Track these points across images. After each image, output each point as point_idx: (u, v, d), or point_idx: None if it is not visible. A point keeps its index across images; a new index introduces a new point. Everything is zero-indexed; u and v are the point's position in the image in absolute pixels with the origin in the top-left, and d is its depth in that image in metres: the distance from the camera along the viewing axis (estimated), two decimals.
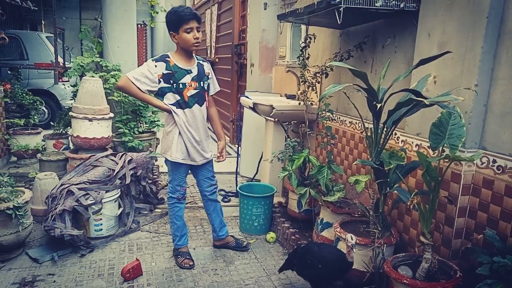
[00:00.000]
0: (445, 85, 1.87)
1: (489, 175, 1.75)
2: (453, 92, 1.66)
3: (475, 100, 1.75)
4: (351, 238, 1.91)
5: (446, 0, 1.88)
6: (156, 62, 2.27)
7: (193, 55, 2.39)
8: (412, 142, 2.11)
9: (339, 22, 2.02)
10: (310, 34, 2.96)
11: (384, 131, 1.78)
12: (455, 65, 1.83)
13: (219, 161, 2.57)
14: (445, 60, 1.80)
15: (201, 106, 2.39)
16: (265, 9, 4.25)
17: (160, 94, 2.30)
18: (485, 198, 1.77)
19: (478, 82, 1.73)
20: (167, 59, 2.29)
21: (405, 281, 1.64)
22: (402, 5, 2.08)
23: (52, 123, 4.89)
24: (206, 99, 2.44)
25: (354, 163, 2.06)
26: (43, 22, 8.59)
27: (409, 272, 1.77)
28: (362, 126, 2.58)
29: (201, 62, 2.42)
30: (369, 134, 1.84)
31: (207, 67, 2.44)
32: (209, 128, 2.52)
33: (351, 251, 1.90)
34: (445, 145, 1.69)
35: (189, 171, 2.54)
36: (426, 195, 1.73)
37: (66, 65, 5.97)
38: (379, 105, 1.63)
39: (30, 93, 4.98)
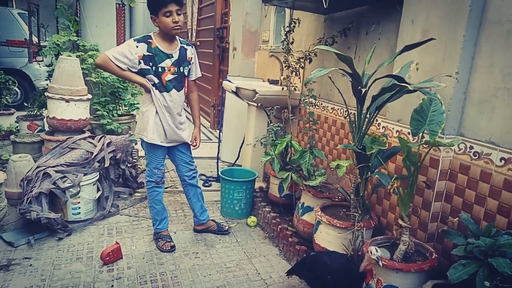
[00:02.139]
0: (427, 72, 1.91)
1: (466, 161, 1.80)
2: (435, 79, 1.69)
3: (455, 87, 1.79)
4: (376, 251, 1.64)
5: None
6: (138, 42, 2.21)
7: (177, 38, 2.33)
8: (393, 128, 2.15)
9: (325, 6, 2.02)
10: (294, 19, 2.94)
11: (367, 117, 1.80)
12: (437, 52, 1.86)
13: (194, 148, 2.54)
14: (427, 47, 1.82)
15: (179, 91, 2.34)
16: None
17: (140, 75, 2.25)
18: (461, 183, 1.83)
19: (459, 69, 1.77)
20: (149, 40, 2.23)
21: (383, 262, 1.69)
22: None
23: (25, 104, 4.71)
24: (186, 84, 2.40)
25: (338, 146, 2.09)
26: None
27: (387, 254, 1.82)
28: (346, 111, 2.61)
29: (184, 46, 2.35)
30: (352, 119, 1.86)
31: (190, 52, 2.38)
32: (188, 112, 2.48)
33: (376, 264, 1.65)
34: (425, 131, 1.73)
35: (167, 156, 2.50)
36: (406, 179, 1.78)
37: (41, 44, 5.73)
38: (363, 90, 1.64)
39: (2, 72, 4.77)
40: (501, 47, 1.65)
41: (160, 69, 2.25)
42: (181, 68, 2.33)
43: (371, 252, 1.66)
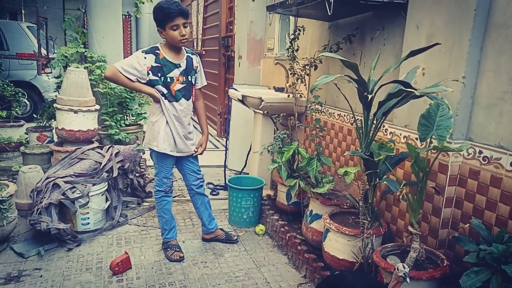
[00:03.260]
0: (433, 77, 1.90)
1: (475, 166, 1.78)
2: (441, 84, 1.68)
3: (462, 92, 1.78)
4: (404, 267, 1.49)
5: None
6: (145, 53, 2.23)
7: (183, 48, 2.35)
8: (400, 134, 2.13)
9: (329, 13, 2.02)
10: (299, 26, 2.95)
11: (374, 123, 1.79)
12: (443, 57, 1.85)
13: (196, 154, 2.52)
14: (433, 52, 1.82)
15: (187, 100, 2.37)
16: (253, 0, 4.22)
17: (149, 86, 2.27)
18: (471, 189, 1.81)
19: (466, 74, 1.76)
20: (157, 51, 2.25)
21: (394, 270, 1.67)
22: None
23: (34, 116, 4.77)
24: (193, 93, 2.42)
25: (345, 153, 2.08)
26: (23, 11, 8.35)
27: (398, 261, 1.80)
28: (352, 118, 2.60)
29: (190, 55, 2.39)
30: (359, 125, 1.86)
31: (195, 61, 2.41)
32: (194, 121, 2.49)
33: (402, 283, 1.50)
34: (433, 136, 1.71)
35: (175, 166, 2.51)
36: (415, 185, 1.76)
37: (50, 56, 5.82)
38: (370, 96, 1.64)
39: (12, 84, 4.84)
40: (508, 51, 1.64)
41: (169, 79, 2.27)
42: (189, 77, 2.35)
43: (398, 269, 1.50)
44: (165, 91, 2.27)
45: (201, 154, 2.55)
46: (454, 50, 1.80)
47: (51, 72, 6.48)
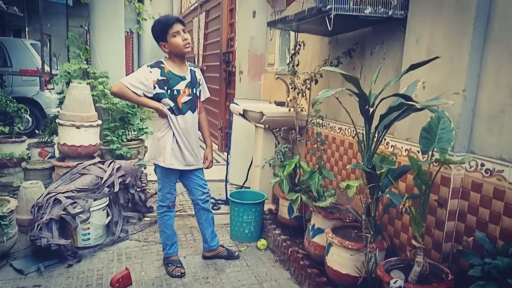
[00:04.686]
0: (434, 90, 1.91)
1: (478, 179, 1.78)
2: (441, 96, 1.69)
3: (463, 104, 1.79)
4: (394, 283, 1.54)
5: (434, 7, 1.92)
6: (151, 68, 2.26)
7: (185, 61, 2.38)
8: (402, 147, 2.14)
9: (329, 29, 2.05)
10: (299, 41, 2.99)
11: (375, 136, 1.80)
12: (443, 70, 1.87)
13: (206, 167, 2.55)
14: (433, 65, 1.83)
15: (193, 112, 2.38)
16: (254, 17, 4.29)
17: (156, 100, 2.29)
18: (474, 201, 1.80)
19: (466, 87, 1.77)
20: (162, 65, 2.28)
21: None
22: (390, 13, 2.12)
23: (36, 132, 4.79)
24: (198, 105, 2.44)
25: (348, 166, 2.08)
26: (26, 29, 8.48)
27: (402, 276, 1.77)
28: (354, 131, 2.61)
29: (192, 68, 2.42)
30: (360, 138, 1.86)
31: (198, 73, 2.44)
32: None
33: None
34: (435, 149, 1.71)
35: (179, 180, 2.51)
36: (417, 198, 1.75)
37: (53, 72, 5.88)
38: (371, 110, 1.65)
39: (14, 100, 4.88)
40: (507, 63, 1.66)
41: (175, 92, 2.29)
42: (194, 89, 2.38)
43: (389, 285, 1.49)
44: (171, 104, 2.29)
45: (209, 167, 2.55)
46: (454, 63, 1.82)
47: (53, 88, 6.53)
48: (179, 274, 2.43)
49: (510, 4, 1.65)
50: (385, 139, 2.27)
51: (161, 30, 2.24)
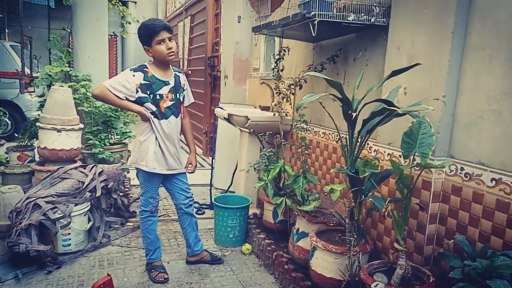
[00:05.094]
0: (415, 96, 1.95)
1: (458, 182, 1.82)
2: (423, 102, 1.73)
3: (443, 110, 1.83)
4: (375, 286, 1.59)
5: (415, 15, 1.97)
6: (134, 71, 2.24)
7: (170, 66, 2.37)
8: (384, 152, 2.17)
9: (313, 35, 2.08)
10: (284, 47, 3.01)
11: (358, 140, 1.82)
12: (424, 76, 1.91)
13: (190, 172, 2.54)
14: (414, 72, 1.87)
15: (176, 117, 2.37)
16: (239, 22, 4.30)
17: (138, 103, 2.26)
18: (454, 205, 1.84)
19: (446, 93, 1.82)
20: (145, 69, 2.26)
21: None
22: (373, 20, 2.17)
23: (16, 135, 4.67)
24: (182, 110, 2.42)
25: (332, 170, 2.10)
26: (6, 30, 8.29)
27: (384, 279, 1.79)
28: (337, 136, 2.64)
29: (177, 73, 2.41)
30: (344, 143, 1.88)
31: (183, 79, 2.44)
32: (181, 140, 2.50)
33: None
34: (416, 153, 1.75)
35: (161, 185, 2.48)
36: (399, 202, 1.78)
37: (33, 75, 5.76)
38: (354, 114, 1.67)
39: None
40: (485, 71, 1.71)
41: (158, 96, 2.27)
42: (178, 94, 2.36)
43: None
44: (154, 108, 2.27)
45: (193, 172, 2.54)
46: (434, 70, 1.86)
47: (34, 91, 6.39)
48: (162, 279, 2.40)
49: (487, 13, 1.70)
50: (368, 144, 2.30)
51: (147, 35, 2.22)
